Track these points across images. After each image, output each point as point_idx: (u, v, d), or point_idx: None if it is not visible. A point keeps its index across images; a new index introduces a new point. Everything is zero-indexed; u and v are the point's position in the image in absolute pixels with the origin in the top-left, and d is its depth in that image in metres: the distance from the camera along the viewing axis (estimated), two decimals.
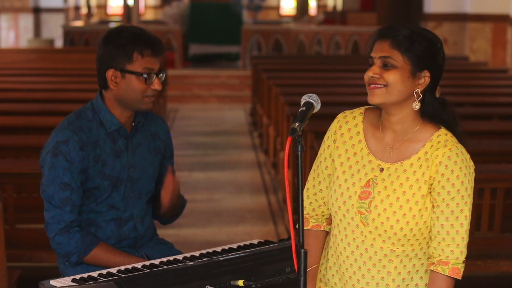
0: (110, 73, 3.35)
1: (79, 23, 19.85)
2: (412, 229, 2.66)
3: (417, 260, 2.72)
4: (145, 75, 3.32)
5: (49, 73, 10.19)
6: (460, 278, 2.67)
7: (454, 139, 2.68)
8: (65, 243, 3.33)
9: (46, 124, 6.41)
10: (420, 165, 2.66)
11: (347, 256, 2.76)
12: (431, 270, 2.68)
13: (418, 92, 2.64)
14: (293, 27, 17.13)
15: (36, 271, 5.23)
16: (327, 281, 2.86)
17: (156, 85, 3.35)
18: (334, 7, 24.04)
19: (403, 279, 2.72)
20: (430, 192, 2.66)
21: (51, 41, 16.38)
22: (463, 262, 2.66)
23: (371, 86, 2.64)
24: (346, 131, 2.81)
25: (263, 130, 10.43)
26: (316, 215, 2.91)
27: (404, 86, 2.62)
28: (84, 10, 23.98)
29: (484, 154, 5.66)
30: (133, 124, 3.47)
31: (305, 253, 2.58)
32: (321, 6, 26.02)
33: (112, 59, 3.34)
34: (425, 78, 2.64)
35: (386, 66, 2.62)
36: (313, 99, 2.70)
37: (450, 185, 2.63)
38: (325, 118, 6.91)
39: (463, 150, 2.67)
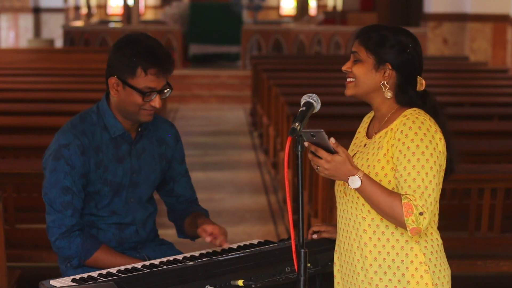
0: (112, 80, 3.30)
1: (79, 23, 19.85)
2: None
3: (390, 234, 2.80)
4: (145, 93, 3.26)
5: (49, 73, 10.19)
6: (408, 226, 2.69)
7: (422, 114, 2.82)
8: (65, 247, 3.32)
9: (46, 124, 6.41)
10: (385, 136, 2.84)
11: (342, 229, 2.93)
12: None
13: (385, 83, 2.84)
14: (293, 27, 17.14)
15: (36, 271, 5.22)
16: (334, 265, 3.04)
17: (155, 102, 3.27)
18: (334, 7, 24.04)
19: (379, 252, 2.81)
20: (393, 160, 2.78)
21: (51, 41, 16.38)
22: (420, 214, 2.69)
23: (346, 80, 2.91)
24: (363, 124, 3.07)
25: (263, 130, 10.43)
26: None
27: (368, 78, 2.85)
28: (84, 10, 23.99)
29: (484, 154, 5.66)
30: (139, 129, 3.43)
31: (305, 253, 2.59)
32: (321, 6, 26.02)
33: (117, 67, 3.29)
34: (388, 71, 2.84)
35: (355, 60, 2.88)
36: (313, 99, 2.72)
37: (405, 148, 2.76)
38: (325, 118, 6.94)
39: (427, 123, 2.78)
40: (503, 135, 6.52)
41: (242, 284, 3.00)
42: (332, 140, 2.64)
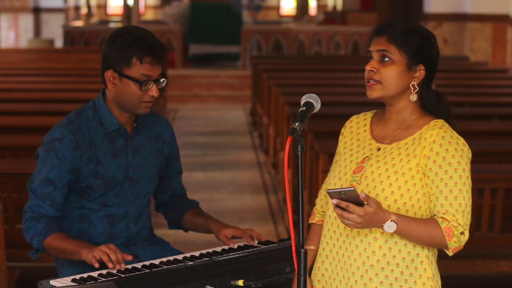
0: (108, 74, 3.36)
1: (79, 23, 19.85)
2: (399, 208, 2.69)
3: (403, 245, 2.71)
4: (141, 82, 3.31)
5: (49, 73, 10.19)
6: (450, 248, 2.66)
7: (452, 129, 2.77)
8: (32, 227, 3.32)
9: (46, 124, 6.40)
10: (413, 143, 2.75)
11: (340, 233, 2.79)
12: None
13: (414, 85, 2.76)
14: (293, 27, 17.14)
15: (36, 271, 5.22)
16: (317, 270, 2.89)
17: (153, 91, 3.33)
18: (334, 7, 24.05)
19: (388, 262, 2.71)
20: (423, 173, 2.70)
21: (51, 41, 16.38)
22: (461, 234, 2.66)
23: (369, 82, 2.76)
24: (355, 124, 2.94)
25: (263, 130, 10.43)
26: (323, 211, 2.97)
27: (401, 80, 2.74)
28: (84, 10, 23.99)
29: (484, 154, 5.66)
30: (135, 125, 3.47)
31: (305, 253, 2.58)
32: (321, 6, 26.03)
33: (112, 59, 3.34)
34: (420, 72, 2.75)
35: (383, 60, 2.74)
36: (313, 99, 2.71)
37: (446, 164, 2.69)
38: (325, 118, 6.94)
39: (460, 138, 2.75)
40: (503, 135, 6.52)
41: (242, 284, 3.00)
42: (362, 194, 2.55)
